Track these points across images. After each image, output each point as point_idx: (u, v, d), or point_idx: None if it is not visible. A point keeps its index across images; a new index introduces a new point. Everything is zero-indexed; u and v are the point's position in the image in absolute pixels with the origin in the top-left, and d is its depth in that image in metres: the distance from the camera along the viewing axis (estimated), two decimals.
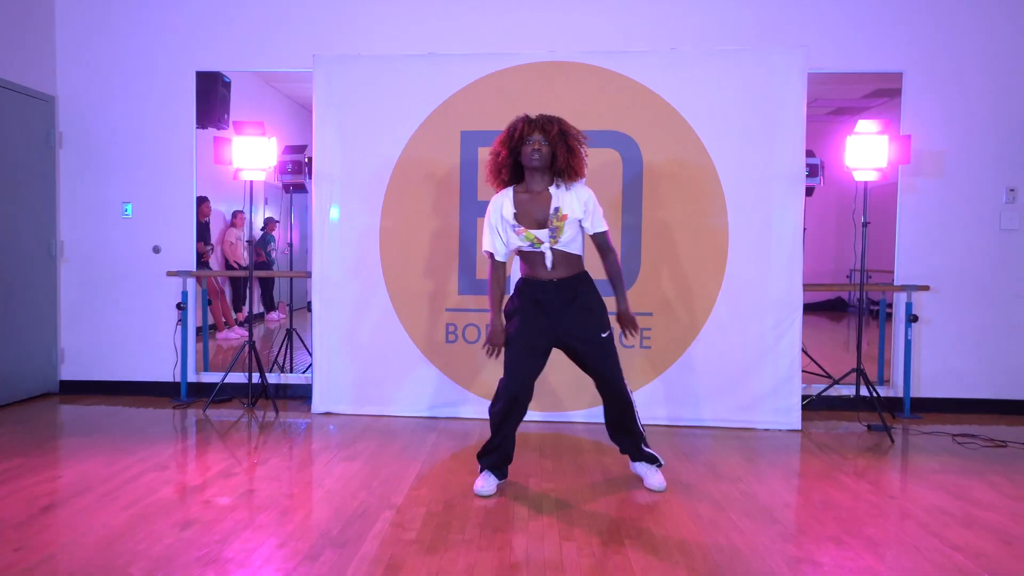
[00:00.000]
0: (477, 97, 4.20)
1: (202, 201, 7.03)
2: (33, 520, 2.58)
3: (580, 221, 2.86)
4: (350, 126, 4.27)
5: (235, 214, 8.03)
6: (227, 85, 6.03)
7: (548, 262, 2.84)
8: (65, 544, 2.37)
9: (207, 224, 7.26)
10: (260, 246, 8.44)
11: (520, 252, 2.92)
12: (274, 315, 7.06)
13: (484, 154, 4.20)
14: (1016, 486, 3.09)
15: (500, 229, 2.91)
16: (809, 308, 8.35)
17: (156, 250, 4.78)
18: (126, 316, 4.79)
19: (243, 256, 8.13)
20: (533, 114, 2.93)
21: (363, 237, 4.28)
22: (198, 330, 4.90)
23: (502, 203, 2.92)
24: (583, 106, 4.09)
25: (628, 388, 2.97)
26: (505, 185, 2.95)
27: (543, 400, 4.19)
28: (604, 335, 2.89)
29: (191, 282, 4.75)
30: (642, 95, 4.11)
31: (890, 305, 4.65)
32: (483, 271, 4.24)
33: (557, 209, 2.85)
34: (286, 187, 5.19)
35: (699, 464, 3.38)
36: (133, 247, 4.78)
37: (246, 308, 8.42)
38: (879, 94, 7.12)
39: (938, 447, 3.74)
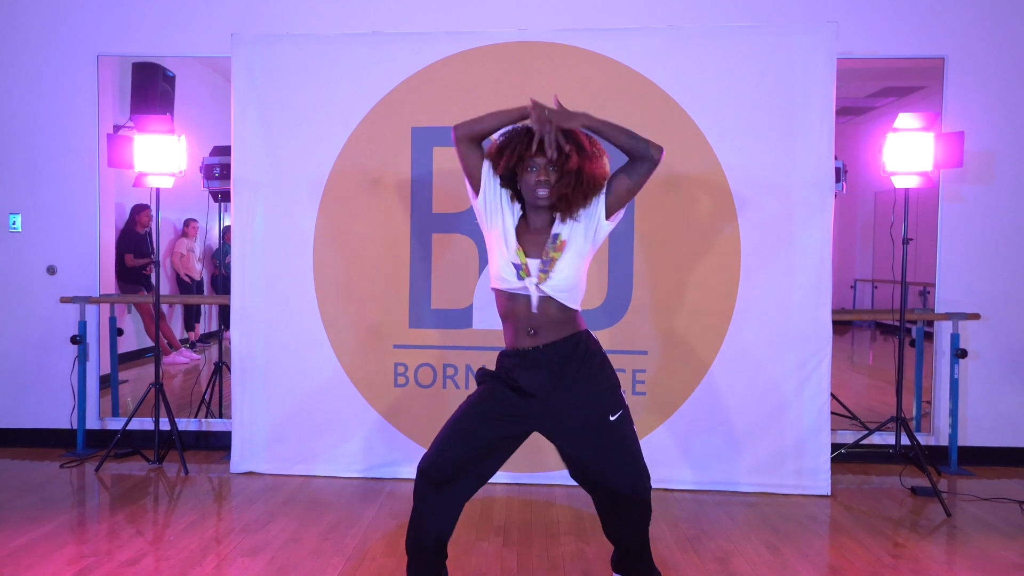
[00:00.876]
0: (432, 86, 3.42)
1: (140, 209, 6.22)
2: None
3: (593, 230, 2.00)
4: (277, 121, 3.48)
5: (187, 223, 7.22)
6: (170, 79, 5.24)
7: (533, 306, 1.95)
8: None
9: (146, 235, 6.48)
10: (217, 258, 7.64)
11: (499, 296, 2.02)
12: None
13: (440, 156, 3.44)
14: None
15: (503, 203, 2.02)
16: None
17: (51, 271, 3.97)
18: (14, 349, 3.98)
19: (195, 269, 7.33)
20: (536, 114, 1.94)
21: (293, 256, 3.49)
22: (131, 354, 4.10)
23: (511, 201, 2.05)
24: (560, 96, 3.30)
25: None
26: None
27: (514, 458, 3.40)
28: (613, 417, 1.96)
29: (92, 310, 3.94)
30: (632, 82, 3.34)
31: (930, 325, 3.89)
32: (439, 300, 3.46)
33: (556, 236, 1.97)
34: (214, 195, 4.39)
35: (708, 558, 2.60)
36: (22, 266, 3.97)
37: (199, 327, 7.64)
38: (886, 93, 6.38)
39: (1006, 522, 2.98)
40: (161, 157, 3.51)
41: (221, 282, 7.31)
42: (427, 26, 3.67)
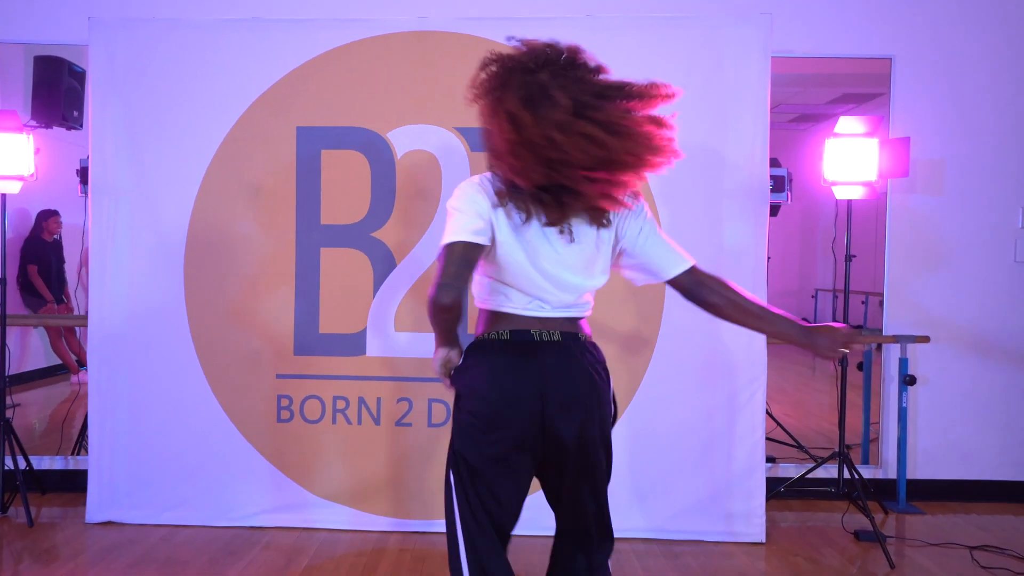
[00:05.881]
0: (320, 80, 3.01)
1: (48, 215, 5.71)
2: None
3: None
4: (142, 118, 3.04)
5: None
6: (79, 75, 4.75)
7: None
8: None
9: (58, 243, 5.93)
10: None
11: None
12: None
13: (329, 160, 3.03)
14: None
15: None
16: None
17: None
18: None
19: None
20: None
21: (161, 274, 3.04)
22: (38, 372, 3.60)
23: None
24: (463, 92, 2.93)
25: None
26: None
27: (413, 505, 3.00)
28: None
29: None
30: None
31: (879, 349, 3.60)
32: (328, 323, 3.04)
33: None
34: None
35: None
36: None
37: None
38: (845, 99, 6.18)
39: (954, 573, 2.66)
40: (7, 159, 3.04)
41: None
42: (316, 13, 3.26)
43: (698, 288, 1.61)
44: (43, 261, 5.69)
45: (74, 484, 3.45)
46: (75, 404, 5.26)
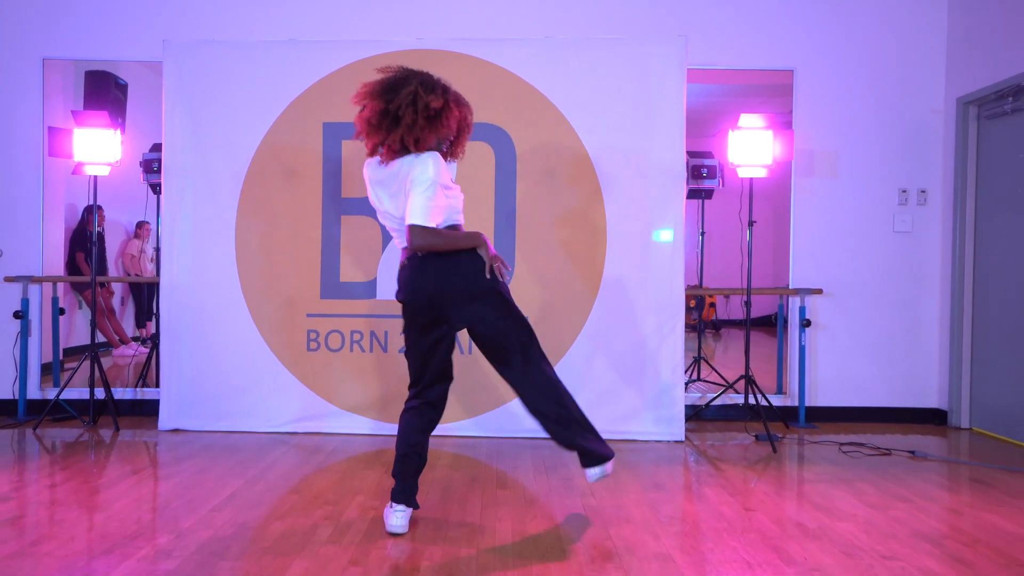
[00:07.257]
0: (340, 87, 3.91)
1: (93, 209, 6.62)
2: None
3: None
4: (204, 118, 3.94)
5: (139, 224, 7.58)
6: (122, 87, 5.65)
7: None
8: None
9: (100, 235, 6.83)
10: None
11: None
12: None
13: (347, 147, 3.92)
14: (882, 493, 2.87)
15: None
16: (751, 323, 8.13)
17: None
18: None
19: (147, 269, 7.67)
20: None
21: (217, 237, 3.93)
22: (84, 348, 4.47)
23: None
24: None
25: None
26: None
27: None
28: None
29: (35, 289, 4.33)
30: (515, 85, 3.88)
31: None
32: (347, 273, 3.93)
33: None
34: (153, 188, 4.82)
35: (556, 478, 3.09)
36: None
37: (151, 324, 7.97)
38: None
39: (821, 457, 3.52)
40: (99, 148, 3.93)
41: None
42: (338, 35, 4.17)
43: None
44: (88, 249, 6.57)
45: (142, 410, 4.33)
46: (120, 370, 6.14)
